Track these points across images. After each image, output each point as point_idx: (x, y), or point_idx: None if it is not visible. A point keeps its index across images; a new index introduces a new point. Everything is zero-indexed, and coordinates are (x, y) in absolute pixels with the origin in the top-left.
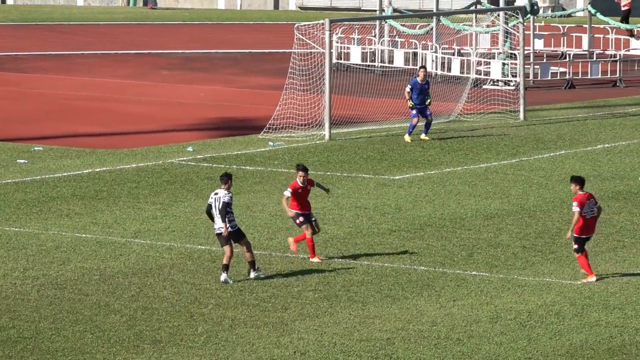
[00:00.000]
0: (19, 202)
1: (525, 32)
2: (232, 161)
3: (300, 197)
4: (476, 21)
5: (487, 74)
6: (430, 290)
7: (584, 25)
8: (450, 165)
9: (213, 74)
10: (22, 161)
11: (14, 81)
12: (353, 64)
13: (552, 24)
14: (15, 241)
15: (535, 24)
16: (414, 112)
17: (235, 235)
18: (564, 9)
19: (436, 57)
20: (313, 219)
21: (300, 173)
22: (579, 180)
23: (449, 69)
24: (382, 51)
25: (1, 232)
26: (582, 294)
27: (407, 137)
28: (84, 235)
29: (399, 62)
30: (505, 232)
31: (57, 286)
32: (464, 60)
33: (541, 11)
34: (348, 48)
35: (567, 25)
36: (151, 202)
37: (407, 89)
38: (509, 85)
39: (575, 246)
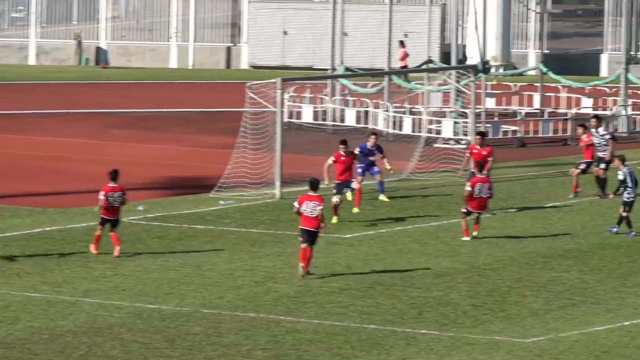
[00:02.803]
0: None
1: (477, 90)
2: (183, 220)
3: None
4: (428, 80)
5: (439, 132)
6: (380, 348)
7: (536, 84)
8: (401, 223)
9: (164, 133)
10: None
11: None
12: (304, 123)
13: (503, 83)
14: None
15: (486, 82)
16: (359, 171)
17: None
18: (515, 68)
19: (388, 115)
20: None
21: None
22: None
23: (401, 128)
24: (334, 110)
25: None
26: (531, 352)
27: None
28: (33, 295)
29: (350, 120)
30: (455, 291)
31: (6, 345)
32: (415, 118)
33: (493, 70)
34: (300, 107)
35: (519, 84)
36: (101, 261)
37: (357, 151)
38: (460, 143)
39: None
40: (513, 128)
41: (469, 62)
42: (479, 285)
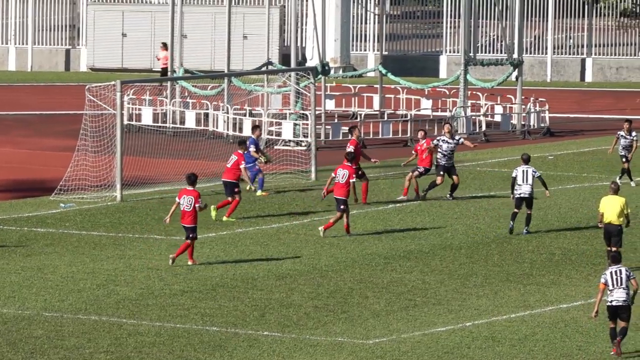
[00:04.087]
0: None
1: (317, 92)
2: (24, 223)
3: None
4: (267, 82)
5: (279, 134)
6: (222, 350)
7: (375, 86)
8: (242, 225)
9: (2, 136)
10: None
11: None
12: (145, 125)
13: (343, 85)
14: None
15: (326, 84)
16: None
17: None
18: (355, 70)
19: (228, 117)
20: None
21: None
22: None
23: (241, 130)
24: (174, 112)
25: None
26: (374, 353)
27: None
28: None
29: (190, 123)
30: (297, 292)
31: None
32: (255, 120)
33: (332, 72)
34: (140, 109)
35: (359, 86)
36: None
37: (252, 149)
38: (300, 145)
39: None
40: None
41: (309, 64)
42: (321, 286)
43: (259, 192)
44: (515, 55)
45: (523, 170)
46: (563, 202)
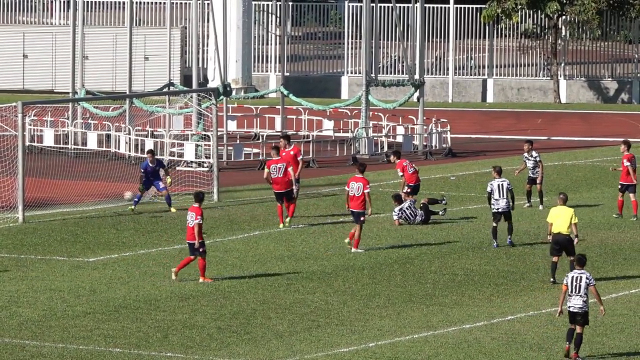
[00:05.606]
0: None
1: (219, 113)
2: None
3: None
4: (169, 103)
5: (181, 155)
6: None
7: (277, 106)
8: (145, 246)
9: None
10: None
11: None
12: (46, 147)
13: (245, 105)
14: None
15: (228, 105)
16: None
17: None
18: (256, 90)
19: (129, 138)
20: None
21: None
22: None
23: (143, 151)
24: (76, 133)
25: None
26: None
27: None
28: None
29: (92, 144)
30: (200, 313)
31: None
32: (157, 141)
33: (234, 92)
34: (41, 130)
35: (260, 107)
36: None
37: (141, 172)
38: (202, 166)
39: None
40: (255, 150)
41: (210, 85)
42: (224, 307)
43: (172, 209)
44: (416, 76)
45: (499, 185)
46: (465, 222)
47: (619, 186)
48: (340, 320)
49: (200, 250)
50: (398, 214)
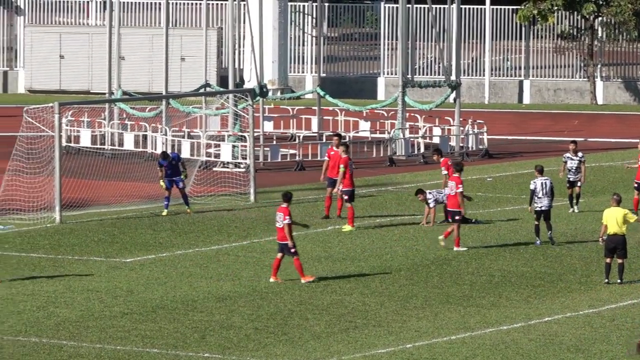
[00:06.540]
0: None
1: (255, 114)
2: None
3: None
4: (206, 104)
5: (218, 156)
6: None
7: (313, 107)
8: (182, 247)
9: None
10: None
11: None
12: (83, 147)
13: (281, 106)
14: None
15: (264, 106)
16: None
17: None
18: (293, 91)
19: (166, 139)
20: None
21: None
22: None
23: (180, 152)
24: (112, 134)
25: None
26: None
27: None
28: None
29: (129, 144)
30: (238, 314)
31: None
32: (194, 142)
33: (270, 93)
34: (78, 131)
35: (296, 107)
36: None
37: (159, 167)
38: (239, 167)
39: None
40: (292, 151)
41: (247, 85)
42: (261, 308)
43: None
44: (453, 77)
45: (542, 183)
46: (502, 223)
47: (635, 184)
48: (377, 321)
49: (292, 250)
50: (430, 197)
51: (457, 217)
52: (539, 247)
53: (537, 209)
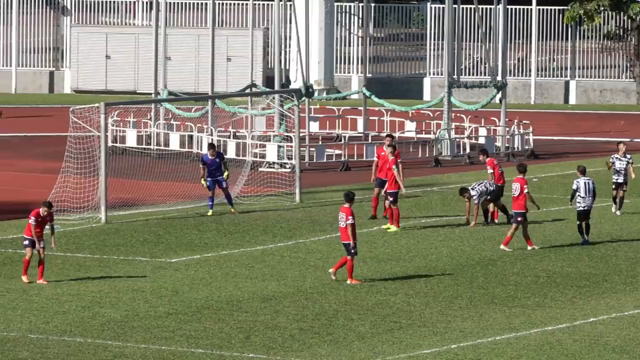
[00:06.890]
0: None
1: (301, 114)
2: (8, 245)
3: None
4: (251, 104)
5: (263, 156)
6: None
7: (359, 108)
8: (227, 247)
9: None
10: None
11: None
12: (129, 147)
13: (327, 107)
14: None
15: (310, 106)
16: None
17: None
18: (338, 92)
19: (212, 139)
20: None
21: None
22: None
23: (225, 152)
24: (158, 134)
25: None
26: None
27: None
28: None
29: (174, 145)
30: (282, 314)
31: None
32: (239, 142)
33: (316, 94)
34: (124, 131)
35: (342, 108)
36: None
37: (201, 166)
38: (285, 167)
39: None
40: (337, 152)
41: (292, 86)
42: (306, 308)
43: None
44: (499, 78)
45: (585, 183)
46: (547, 224)
47: None
48: (422, 321)
49: (352, 250)
50: (475, 194)
51: (519, 219)
52: (584, 247)
53: (580, 209)
